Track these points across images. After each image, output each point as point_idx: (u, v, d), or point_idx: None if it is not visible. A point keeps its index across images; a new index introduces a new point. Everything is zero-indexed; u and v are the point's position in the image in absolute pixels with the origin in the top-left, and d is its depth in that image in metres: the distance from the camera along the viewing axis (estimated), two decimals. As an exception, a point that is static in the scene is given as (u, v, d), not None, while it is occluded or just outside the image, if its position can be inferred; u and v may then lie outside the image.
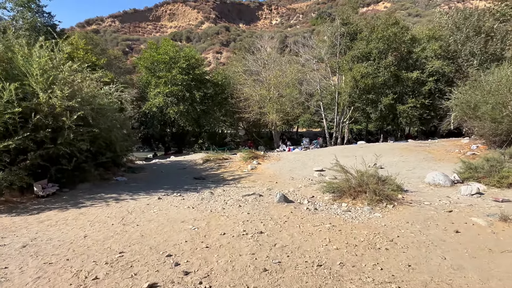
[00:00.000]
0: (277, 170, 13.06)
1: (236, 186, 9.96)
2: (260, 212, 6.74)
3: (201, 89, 23.74)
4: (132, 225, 5.82)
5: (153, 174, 13.03)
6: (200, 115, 24.20)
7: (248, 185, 10.22)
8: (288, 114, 23.54)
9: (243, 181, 11.02)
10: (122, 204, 7.34)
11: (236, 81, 25.92)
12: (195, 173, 12.99)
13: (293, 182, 10.59)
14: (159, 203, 7.43)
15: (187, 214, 6.56)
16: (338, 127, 26.09)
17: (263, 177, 11.66)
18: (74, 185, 8.71)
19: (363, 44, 22.60)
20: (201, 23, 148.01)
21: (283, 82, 22.56)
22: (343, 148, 19.08)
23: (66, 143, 8.32)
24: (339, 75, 25.06)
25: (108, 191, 8.62)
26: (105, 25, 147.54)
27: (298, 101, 24.40)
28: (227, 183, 10.58)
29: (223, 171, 13.58)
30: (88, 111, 8.66)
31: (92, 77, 10.56)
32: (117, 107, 12.04)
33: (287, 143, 25.10)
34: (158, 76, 22.82)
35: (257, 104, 23.49)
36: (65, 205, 7.16)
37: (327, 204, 7.68)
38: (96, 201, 7.59)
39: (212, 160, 15.45)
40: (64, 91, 7.95)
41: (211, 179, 11.74)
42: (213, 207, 7.17)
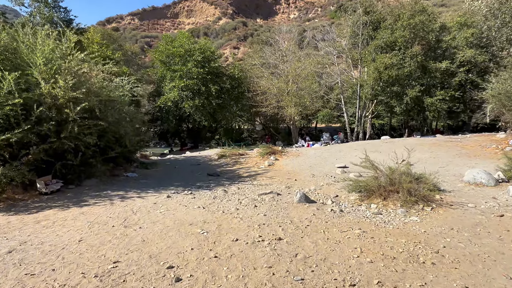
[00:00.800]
0: (296, 166, 12.24)
1: (252, 184, 9.24)
2: (278, 213, 5.98)
3: (217, 83, 23.10)
4: (135, 227, 5.20)
5: (166, 170, 12.51)
6: (216, 110, 23.59)
7: (265, 182, 9.47)
8: (307, 108, 22.54)
9: (260, 178, 10.29)
10: (128, 202, 6.76)
11: (253, 74, 25.08)
12: (209, 169, 12.36)
13: (314, 179, 9.75)
14: (167, 202, 6.80)
15: (196, 215, 5.89)
16: (359, 121, 24.86)
17: (281, 174, 10.88)
18: (80, 182, 8.25)
19: (387, 33, 21.23)
20: (219, 19, 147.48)
21: (302, 74, 21.54)
22: (366, 143, 17.97)
23: (71, 137, 7.84)
24: (361, 67, 23.79)
25: (115, 188, 8.09)
26: (125, 23, 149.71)
27: (318, 95, 23.31)
28: (243, 180, 9.87)
29: (239, 167, 12.89)
30: (95, 103, 8.14)
31: (101, 69, 10.06)
32: (129, 100, 11.53)
33: (306, 139, 24.13)
34: (173, 70, 22.33)
35: (274, 98, 22.61)
36: (67, 203, 6.65)
37: (353, 205, 6.83)
38: (101, 199, 7.05)
39: (228, 156, 14.79)
40: (68, 81, 7.43)
41: (225, 175, 11.07)
42: (226, 207, 6.47)
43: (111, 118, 8.58)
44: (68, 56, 8.61)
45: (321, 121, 40.32)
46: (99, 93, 8.74)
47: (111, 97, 9.53)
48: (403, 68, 20.49)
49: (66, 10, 22.33)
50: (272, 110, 22.79)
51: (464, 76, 21.01)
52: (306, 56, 23.38)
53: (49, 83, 7.22)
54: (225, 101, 24.11)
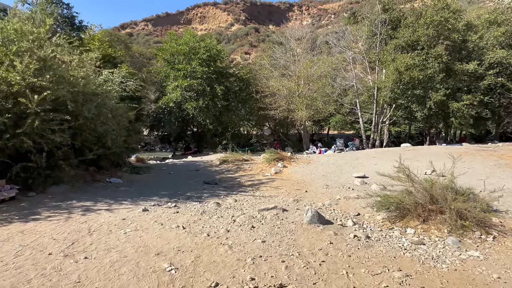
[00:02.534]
0: (307, 175, 10.61)
1: (253, 195, 7.66)
2: (282, 240, 4.40)
3: (223, 83, 21.72)
4: (78, 256, 3.70)
5: (158, 176, 11.06)
6: (222, 112, 22.15)
7: (269, 193, 7.88)
8: (319, 111, 20.86)
9: (264, 188, 8.70)
10: (89, 217, 5.28)
11: (262, 74, 23.58)
12: (208, 176, 10.85)
13: (328, 191, 8.11)
14: (140, 218, 5.29)
15: (171, 238, 4.35)
16: (376, 127, 23.02)
17: (289, 184, 9.27)
18: (44, 188, 6.83)
19: (408, 32, 19.49)
20: (231, 25, 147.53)
21: (315, 74, 19.92)
22: (385, 151, 16.20)
23: (35, 133, 6.46)
24: (379, 68, 22.04)
25: (84, 198, 6.64)
26: (139, 29, 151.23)
27: (331, 98, 21.62)
28: (243, 191, 8.31)
29: (241, 174, 11.34)
30: (64, 94, 6.75)
31: (83, 58, 8.73)
32: (118, 96, 10.18)
33: (318, 145, 22.42)
34: (177, 69, 21.04)
35: (284, 100, 21.03)
36: (12, 217, 5.22)
37: (382, 228, 5.19)
38: (58, 211, 5.60)
39: (230, 161, 13.27)
40: (29, 64, 6.07)
41: (224, 183, 9.53)
42: (213, 227, 4.92)
43: (87, 113, 7.19)
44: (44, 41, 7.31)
45: (334, 128, 38.52)
46: (74, 83, 7.37)
47: (91, 90, 8.16)
48: (426, 69, 18.66)
49: (69, 6, 21.43)
50: (281, 114, 21.20)
51: (493, 79, 19.03)
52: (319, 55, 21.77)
53: (3, 66, 5.87)
54: (232, 103, 22.69)
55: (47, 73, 6.29)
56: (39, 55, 6.38)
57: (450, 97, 19.25)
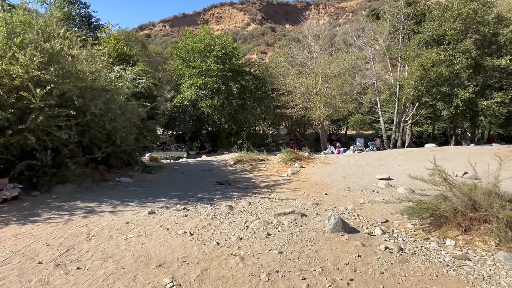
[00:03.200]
0: (326, 176, 9.98)
1: (268, 197, 7.12)
2: (301, 251, 3.85)
3: (238, 81, 21.24)
4: (70, 267, 3.27)
5: (171, 175, 10.69)
6: (237, 111, 21.67)
7: (286, 196, 7.32)
8: (338, 110, 20.06)
9: (280, 189, 8.15)
10: (91, 220, 4.88)
11: (278, 72, 22.94)
12: (221, 176, 10.39)
13: (350, 194, 7.48)
14: (145, 222, 4.85)
15: (176, 246, 3.88)
16: (397, 127, 22.00)
17: (308, 185, 8.67)
18: (50, 187, 6.52)
19: (434, 26, 18.43)
20: (247, 25, 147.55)
21: (334, 71, 19.14)
22: (408, 152, 15.31)
23: (40, 130, 6.16)
24: (401, 65, 21.02)
25: (90, 198, 6.29)
26: (156, 30, 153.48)
27: (350, 96, 20.74)
28: (258, 192, 7.78)
29: (256, 174, 10.82)
30: (70, 88, 6.42)
31: (94, 53, 8.44)
32: (129, 92, 9.86)
33: (337, 145, 21.61)
34: (192, 67, 20.73)
35: (301, 98, 20.35)
36: (10, 218, 4.89)
37: (415, 238, 4.55)
38: (59, 212, 5.24)
39: (245, 161, 12.77)
40: (33, 57, 5.76)
41: (238, 184, 9.03)
42: (224, 234, 4.42)
43: (94, 108, 6.85)
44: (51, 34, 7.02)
45: (352, 128, 37.43)
46: (82, 78, 7.04)
47: (101, 85, 7.84)
48: (452, 65, 17.57)
49: (86, 5, 21.52)
50: (298, 112, 20.52)
51: (527, 75, 17.75)
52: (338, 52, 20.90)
53: (5, 58, 5.58)
54: (247, 102, 22.17)
55: (52, 66, 5.97)
56: (44, 47, 6.07)
57: (479, 94, 18.09)
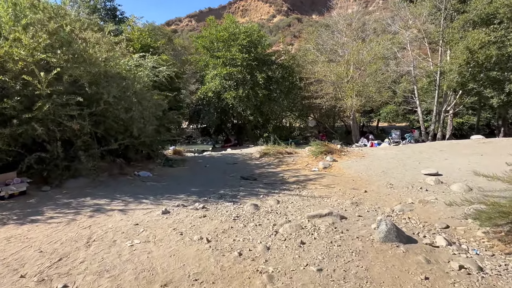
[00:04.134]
0: (363, 171, 8.93)
1: (299, 195, 6.25)
2: (347, 267, 2.97)
3: (264, 71, 20.32)
4: (57, 283, 2.62)
5: (193, 169, 10.07)
6: (263, 102, 20.79)
7: (319, 193, 6.42)
8: (371, 99, 18.63)
9: (312, 186, 7.25)
10: (97, 220, 4.27)
11: (307, 60, 21.71)
12: (246, 171, 9.63)
13: (394, 192, 6.44)
14: (157, 224, 4.16)
15: (189, 258, 3.13)
16: (437, 117, 20.18)
17: (343, 181, 7.70)
18: (61, 182, 6.04)
19: (482, 3, 16.48)
20: (273, 16, 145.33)
21: (367, 57, 17.67)
22: (454, 144, 13.79)
23: (49, 119, 5.65)
24: (442, 49, 19.12)
25: (101, 194, 5.73)
26: (183, 25, 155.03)
27: (384, 85, 19.14)
28: (286, 189, 6.93)
29: (284, 169, 9.95)
30: (82, 74, 5.86)
31: (111, 39, 7.90)
32: (148, 81, 9.29)
33: (370, 137, 20.19)
34: (216, 57, 20.04)
35: (332, 87, 19.08)
36: (10, 216, 4.38)
37: (492, 251, 3.52)
38: (65, 210, 4.68)
39: (272, 154, 11.93)
40: (39, 38, 5.21)
41: (264, 179, 8.22)
42: (248, 241, 3.62)
43: (107, 96, 6.27)
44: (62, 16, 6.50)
45: (384, 119, 35.41)
46: (95, 63, 6.48)
47: (117, 72, 7.27)
48: (505, 46, 15.62)
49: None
50: (328, 102, 19.28)
51: None
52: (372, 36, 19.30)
53: (8, 40, 5.07)
54: (274, 93, 21.23)
55: (59, 49, 5.42)
56: (51, 28, 5.52)
57: (535, 79, 16.04)
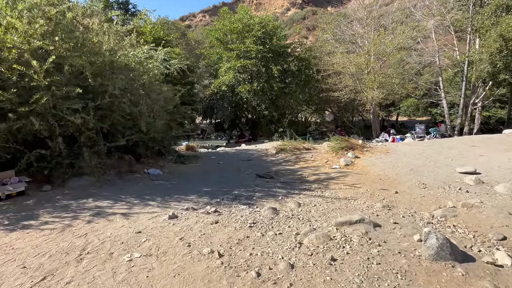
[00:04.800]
0: (389, 168, 8.18)
1: (322, 196, 5.61)
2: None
3: (280, 63, 19.60)
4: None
5: (206, 166, 9.56)
6: (278, 96, 20.08)
7: (345, 194, 5.76)
8: (394, 91, 17.61)
9: (334, 185, 6.59)
10: (95, 226, 3.77)
11: (324, 51, 20.78)
12: (261, 168, 9.04)
13: (430, 193, 5.71)
14: (162, 232, 3.63)
15: (195, 279, 2.58)
16: (464, 111, 18.99)
17: (369, 180, 7.00)
18: (64, 181, 5.61)
19: (517, -14, 15.20)
20: (287, 10, 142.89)
21: (390, 46, 16.62)
22: (486, 139, 12.75)
23: (50, 114, 5.21)
24: (471, 37, 17.87)
25: (105, 194, 5.26)
26: (197, 20, 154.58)
27: (406, 76, 18.01)
28: (307, 188, 6.30)
29: (302, 166, 9.30)
30: (84, 63, 5.38)
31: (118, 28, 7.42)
32: (158, 74, 8.81)
33: (391, 132, 19.20)
34: (230, 49, 19.40)
35: (351, 79, 18.14)
36: (2, 221, 3.94)
37: None
38: (62, 214, 4.22)
39: (288, 150, 11.29)
40: (33, 23, 4.74)
41: (282, 178, 7.61)
42: (267, 256, 3.03)
43: (111, 88, 5.78)
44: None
45: (404, 113, 34.03)
46: (99, 52, 5.99)
47: (124, 63, 6.78)
48: (543, 32, 14.35)
49: (123, -9, 21.11)
50: (347, 95, 18.36)
51: None
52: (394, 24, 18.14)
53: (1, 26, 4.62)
54: (290, 86, 20.48)
55: (58, 35, 4.95)
56: (50, 13, 5.04)
57: None
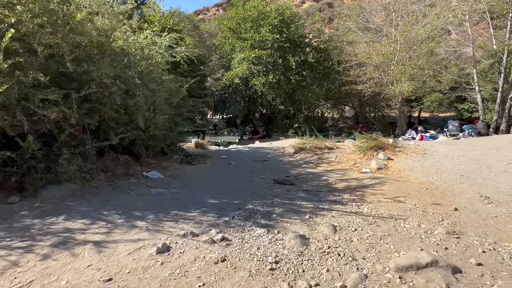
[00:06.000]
0: (432, 174, 6.83)
1: (360, 213, 4.35)
2: None
3: (298, 53, 18.19)
4: None
5: (215, 167, 8.42)
6: (295, 89, 18.71)
7: (387, 209, 4.48)
8: (426, 84, 15.97)
9: (371, 196, 5.31)
10: (52, 266, 2.65)
11: (346, 39, 19.19)
12: (279, 170, 7.83)
13: (500, 212, 4.39)
14: (144, 277, 2.46)
15: None
16: (501, 106, 17.19)
17: (413, 191, 5.69)
18: (37, 190, 4.53)
19: None
20: (302, 2, 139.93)
21: (421, 35, 14.91)
22: (536, 138, 11.15)
23: (19, 106, 4.15)
24: (511, 23, 16.02)
25: (83, 210, 4.15)
26: (210, 14, 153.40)
27: (441, 66, 16.27)
28: (338, 201, 5.04)
29: (327, 169, 8.04)
30: (59, 43, 4.27)
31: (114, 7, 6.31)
32: (164, 62, 7.70)
33: (419, 129, 17.60)
34: (243, 39, 18.08)
35: (377, 71, 16.57)
36: None
37: None
38: (16, 243, 3.12)
39: (308, 149, 10.02)
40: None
41: (304, 184, 6.38)
42: None
43: (97, 75, 4.66)
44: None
45: (428, 109, 31.98)
46: (84, 32, 4.87)
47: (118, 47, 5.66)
48: None
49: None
50: (371, 89, 16.79)
51: None
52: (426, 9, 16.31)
53: None
54: (307, 79, 19.04)
55: (20, 3, 3.85)
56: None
57: None
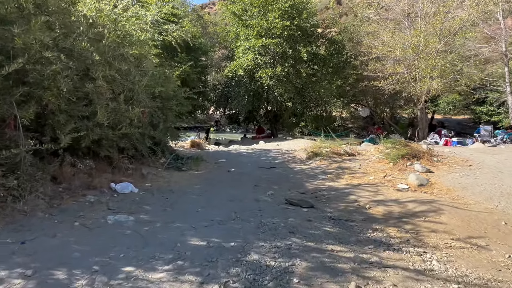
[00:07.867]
0: (497, 196, 5.13)
1: (434, 274, 2.63)
2: None
3: (310, 43, 16.36)
4: None
5: (209, 176, 6.74)
6: (305, 84, 16.89)
7: (468, 263, 2.77)
8: (458, 82, 14.08)
9: (428, 232, 3.62)
10: None
11: (362, 31, 17.29)
12: (291, 183, 6.14)
13: None
14: None
15: None
16: (534, 110, 15.31)
17: (483, 223, 3.97)
18: None
19: None
20: None
21: (455, 24, 12.96)
22: None
23: None
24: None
25: None
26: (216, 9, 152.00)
27: (473, 62, 14.34)
28: (385, 242, 3.33)
29: (351, 183, 6.32)
30: None
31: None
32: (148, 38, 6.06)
33: (443, 133, 15.81)
34: (249, 26, 16.23)
35: (400, 65, 14.68)
36: None
37: None
38: None
39: (325, 155, 8.28)
40: None
41: (327, 206, 4.68)
42: None
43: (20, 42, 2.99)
44: None
45: (444, 111, 30.06)
46: None
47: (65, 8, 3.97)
48: None
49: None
50: (393, 86, 14.92)
51: None
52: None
53: None
54: (319, 73, 17.22)
55: None
56: None
57: None
